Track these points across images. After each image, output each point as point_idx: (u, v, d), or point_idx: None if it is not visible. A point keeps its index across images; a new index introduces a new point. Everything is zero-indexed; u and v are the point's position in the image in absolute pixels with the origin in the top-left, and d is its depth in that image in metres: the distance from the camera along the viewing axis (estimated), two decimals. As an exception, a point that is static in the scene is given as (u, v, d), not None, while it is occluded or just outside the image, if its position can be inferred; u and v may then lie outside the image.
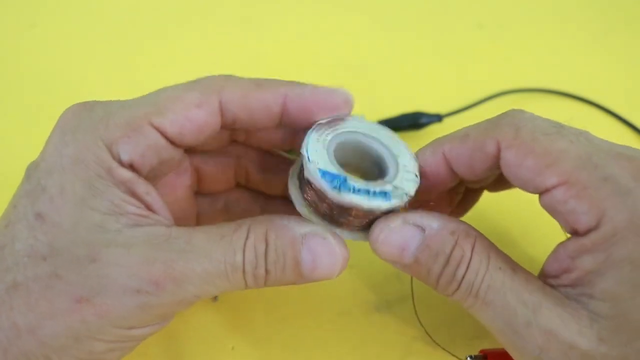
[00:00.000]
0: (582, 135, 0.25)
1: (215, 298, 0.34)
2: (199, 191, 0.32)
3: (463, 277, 0.24)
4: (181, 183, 0.30)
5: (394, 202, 0.25)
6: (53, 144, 0.25)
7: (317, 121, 0.27)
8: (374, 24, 0.55)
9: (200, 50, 0.52)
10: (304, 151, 0.25)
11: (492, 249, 0.25)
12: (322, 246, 0.25)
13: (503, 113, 0.27)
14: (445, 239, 0.25)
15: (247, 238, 0.24)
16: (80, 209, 0.23)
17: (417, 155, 0.28)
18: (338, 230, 0.26)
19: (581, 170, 0.23)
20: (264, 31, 0.54)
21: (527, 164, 0.24)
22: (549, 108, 0.47)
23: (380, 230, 0.25)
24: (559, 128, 0.25)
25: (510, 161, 0.25)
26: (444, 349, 0.31)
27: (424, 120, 0.43)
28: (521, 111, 0.27)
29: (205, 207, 0.32)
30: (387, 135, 0.28)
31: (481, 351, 0.30)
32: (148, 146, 0.24)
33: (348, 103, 0.27)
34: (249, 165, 0.32)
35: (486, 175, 0.27)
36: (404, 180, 0.26)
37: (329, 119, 0.27)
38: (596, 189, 0.23)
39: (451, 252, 0.24)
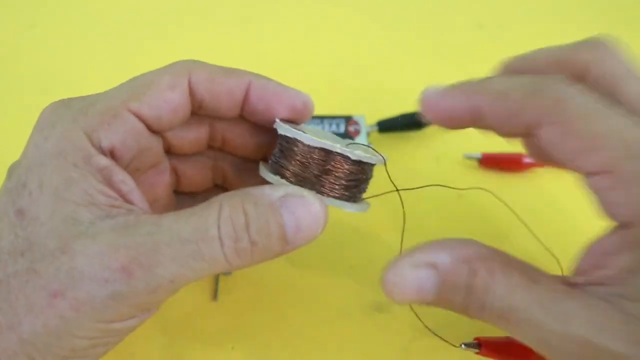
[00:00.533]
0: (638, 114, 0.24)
1: (215, 298, 0.34)
2: (178, 189, 0.32)
3: (488, 304, 0.23)
4: (161, 181, 0.30)
5: (371, 155, 0.26)
6: (33, 141, 0.25)
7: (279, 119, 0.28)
8: (374, 24, 0.55)
9: (200, 50, 0.52)
10: (277, 122, 0.27)
11: (511, 264, 0.24)
12: (301, 205, 0.24)
13: (574, 49, 0.26)
14: (461, 270, 0.24)
15: (220, 211, 0.23)
16: (55, 201, 0.23)
17: (444, 93, 0.27)
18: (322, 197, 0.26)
19: (625, 161, 0.22)
20: (264, 31, 0.54)
21: (569, 144, 0.23)
22: (549, 108, 0.47)
23: (392, 279, 0.25)
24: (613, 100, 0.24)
25: (551, 138, 0.23)
26: (436, 335, 0.30)
27: (424, 120, 0.43)
28: (604, 52, 0.26)
29: (184, 206, 0.32)
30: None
31: (475, 339, 0.30)
32: (128, 132, 0.25)
33: (307, 107, 0.28)
34: (225, 168, 0.32)
35: (511, 134, 0.26)
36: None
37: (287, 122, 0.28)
38: (639, 183, 0.22)
39: (471, 281, 0.23)
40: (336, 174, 0.26)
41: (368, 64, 0.51)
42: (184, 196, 0.32)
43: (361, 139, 0.41)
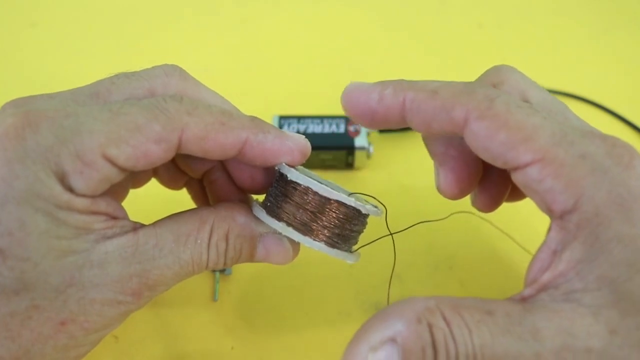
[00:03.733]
0: (553, 112, 0.25)
1: (215, 298, 0.34)
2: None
3: (457, 353, 0.22)
4: (127, 185, 0.31)
5: (370, 207, 0.26)
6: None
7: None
8: (374, 24, 0.55)
9: (200, 49, 0.52)
10: (283, 166, 0.26)
11: (459, 304, 0.23)
12: (277, 245, 0.27)
13: (484, 75, 0.27)
14: (420, 331, 0.22)
15: (210, 238, 0.26)
16: (46, 241, 0.23)
17: (370, 88, 0.27)
18: (311, 240, 0.26)
19: (557, 147, 0.22)
20: (263, 31, 0.54)
21: (500, 137, 0.23)
22: (549, 108, 0.47)
23: None
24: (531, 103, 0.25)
25: (480, 133, 0.23)
26: None
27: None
28: (509, 71, 0.27)
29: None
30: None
31: None
32: (100, 180, 0.23)
33: (305, 155, 0.27)
34: (198, 190, 0.32)
35: (437, 134, 0.26)
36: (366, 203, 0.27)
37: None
38: (573, 167, 0.22)
39: (432, 338, 0.22)
40: (338, 225, 0.26)
41: (368, 63, 0.51)
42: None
43: (361, 138, 0.41)
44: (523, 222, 0.38)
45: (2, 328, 0.23)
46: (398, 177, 0.42)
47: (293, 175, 0.26)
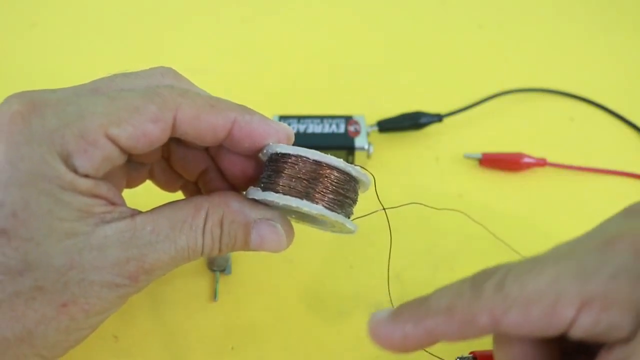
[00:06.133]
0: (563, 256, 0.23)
1: (215, 298, 0.34)
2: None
3: None
4: (122, 173, 0.31)
5: (360, 169, 0.27)
6: (5, 155, 0.23)
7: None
8: (374, 24, 0.55)
9: (200, 49, 0.52)
10: (271, 145, 0.27)
11: None
12: (270, 232, 0.28)
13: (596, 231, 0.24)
14: None
15: (205, 224, 0.27)
16: (49, 222, 0.23)
17: (392, 321, 0.25)
18: (310, 203, 0.26)
19: (587, 283, 0.21)
20: (263, 31, 0.54)
21: (533, 316, 0.22)
22: (549, 108, 0.47)
23: None
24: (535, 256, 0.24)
25: (515, 323, 0.22)
26: (431, 353, 0.31)
27: (424, 120, 0.43)
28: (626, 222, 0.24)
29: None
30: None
31: (471, 352, 0.30)
32: (103, 158, 0.24)
33: (289, 139, 0.28)
34: (194, 191, 0.33)
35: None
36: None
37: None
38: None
39: None
40: (333, 190, 0.27)
41: (368, 64, 0.51)
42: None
43: (361, 138, 0.41)
44: (518, 227, 0.38)
45: (8, 308, 0.23)
46: (398, 177, 0.42)
47: (283, 148, 0.27)
